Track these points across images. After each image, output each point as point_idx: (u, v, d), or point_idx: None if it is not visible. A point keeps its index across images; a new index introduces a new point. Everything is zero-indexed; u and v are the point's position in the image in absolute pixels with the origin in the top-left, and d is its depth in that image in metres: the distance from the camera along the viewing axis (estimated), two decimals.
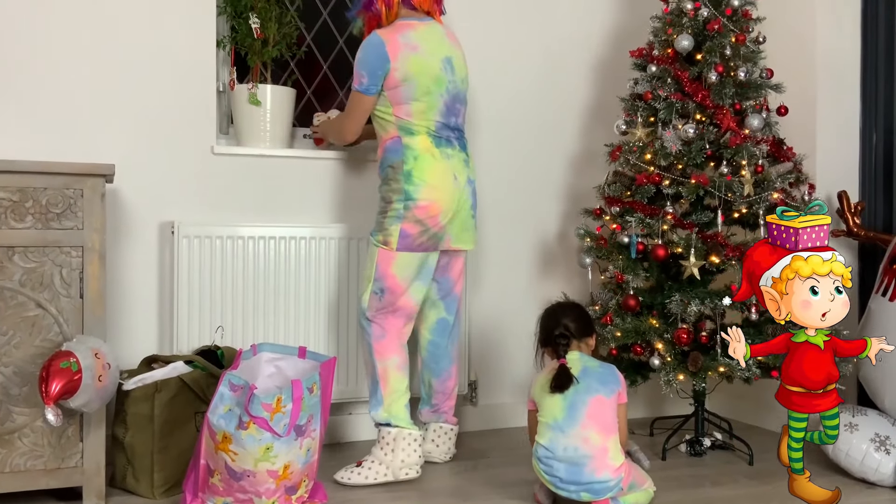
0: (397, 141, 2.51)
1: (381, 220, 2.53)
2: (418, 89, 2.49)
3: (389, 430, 2.53)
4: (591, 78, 3.35)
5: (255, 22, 2.77)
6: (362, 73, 2.49)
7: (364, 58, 2.49)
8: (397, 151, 2.51)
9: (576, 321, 2.33)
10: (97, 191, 2.25)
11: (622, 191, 2.81)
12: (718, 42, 2.72)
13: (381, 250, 2.51)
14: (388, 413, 2.54)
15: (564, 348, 2.27)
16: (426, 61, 2.50)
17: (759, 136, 2.69)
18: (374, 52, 2.47)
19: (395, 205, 2.49)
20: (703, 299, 2.62)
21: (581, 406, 2.19)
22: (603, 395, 2.22)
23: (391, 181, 2.51)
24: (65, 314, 2.21)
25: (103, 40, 2.69)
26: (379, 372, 2.54)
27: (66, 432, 2.21)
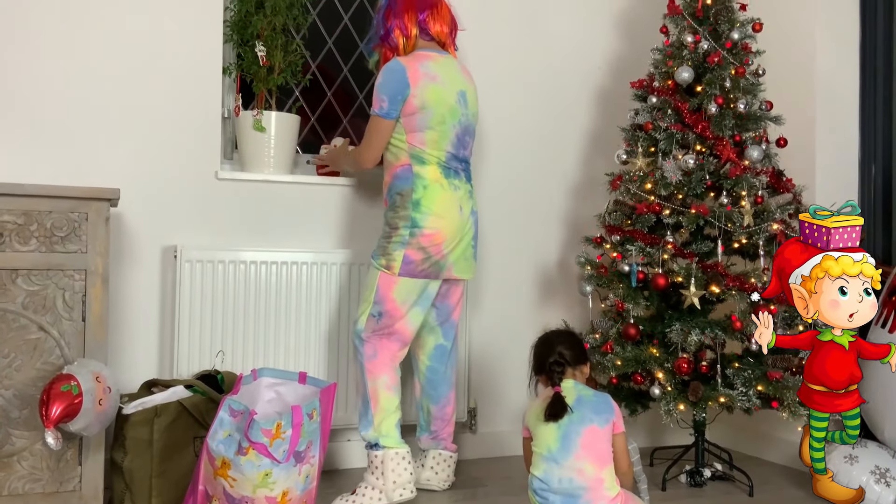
0: (408, 169, 2.53)
1: (384, 245, 2.54)
2: (434, 118, 2.52)
3: (377, 452, 2.53)
4: (592, 108, 3.38)
5: (261, 50, 2.81)
6: (383, 98, 2.51)
7: (385, 82, 2.51)
8: (407, 179, 2.53)
9: (570, 349, 2.32)
10: (102, 214, 2.26)
11: (623, 219, 2.83)
12: (718, 74, 2.75)
13: (383, 274, 2.52)
14: (377, 432, 2.54)
15: (559, 376, 2.26)
16: (444, 91, 2.53)
17: (759, 168, 2.71)
18: (395, 78, 2.50)
19: (401, 231, 2.51)
20: (703, 329, 2.63)
21: (575, 436, 2.17)
22: (597, 424, 2.20)
23: (399, 208, 2.53)
24: (66, 337, 2.22)
25: (110, 65, 2.72)
26: (370, 391, 2.54)
27: (64, 456, 2.21)
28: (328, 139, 3.21)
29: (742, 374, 2.61)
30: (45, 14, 2.64)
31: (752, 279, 2.61)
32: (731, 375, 2.62)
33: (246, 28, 2.84)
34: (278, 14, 2.83)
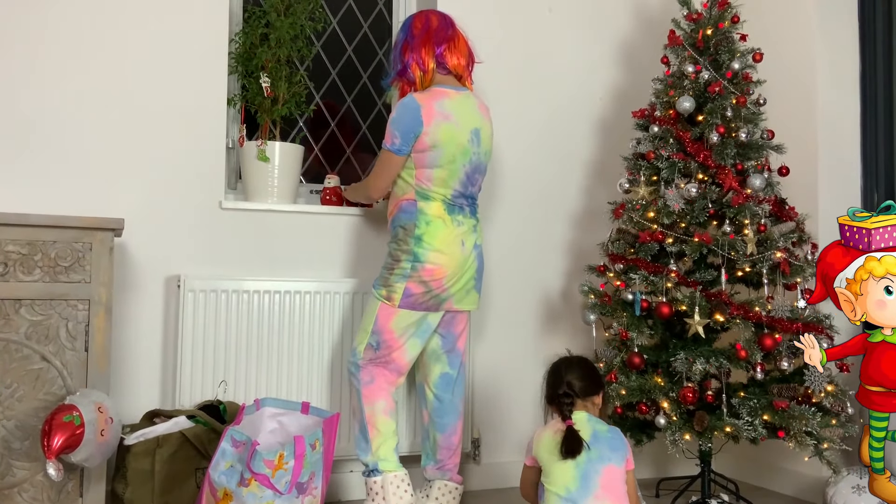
0: (412, 203, 2.55)
1: (386, 276, 2.55)
2: (444, 157, 2.53)
3: (376, 478, 2.51)
4: (594, 137, 3.40)
5: (265, 81, 2.83)
6: (395, 134, 2.52)
7: (399, 119, 2.51)
8: (411, 214, 2.54)
9: (581, 379, 2.26)
10: (106, 244, 2.27)
11: (626, 248, 2.83)
12: (719, 104, 2.77)
13: (383, 304, 2.52)
14: (375, 457, 2.52)
15: (569, 408, 2.22)
16: (456, 131, 2.54)
17: (762, 196, 2.72)
18: (410, 115, 2.50)
19: (403, 264, 2.52)
20: (708, 358, 2.61)
21: (594, 476, 2.11)
22: (614, 463, 2.15)
23: (401, 241, 2.54)
24: (69, 367, 2.21)
25: (115, 95, 2.74)
26: (367, 417, 2.53)
27: (65, 487, 2.19)
28: (332, 169, 3.23)
29: (748, 403, 2.59)
30: (50, 45, 2.67)
31: (756, 307, 2.60)
32: (736, 405, 2.60)
33: (251, 60, 2.87)
34: (283, 46, 2.86)
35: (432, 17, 2.65)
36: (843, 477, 2.56)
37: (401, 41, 2.63)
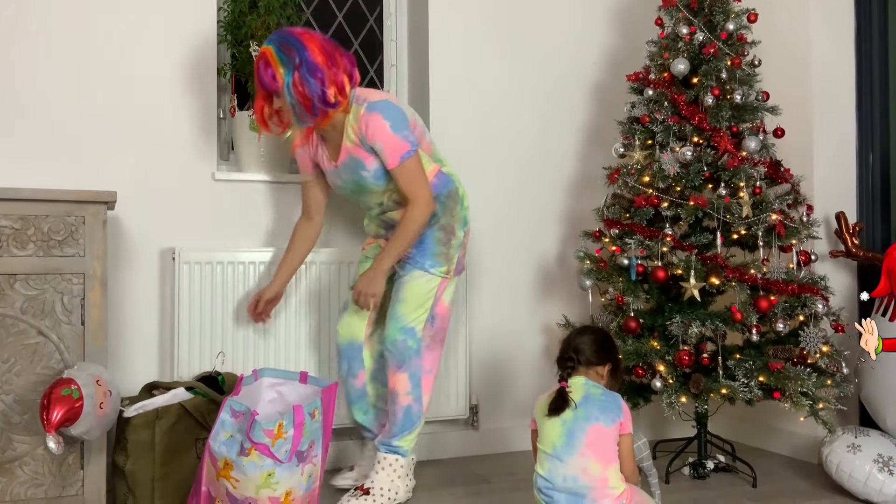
0: (440, 173, 2.53)
1: (444, 251, 2.50)
2: (424, 126, 2.55)
3: (402, 460, 2.52)
4: (588, 102, 3.38)
5: (255, 50, 2.79)
6: (405, 133, 2.39)
7: (396, 119, 2.38)
8: (447, 180, 2.53)
9: (589, 346, 2.29)
10: (99, 218, 2.25)
11: (621, 213, 2.82)
12: (714, 66, 2.75)
13: (443, 280, 2.51)
14: (409, 443, 2.53)
15: (568, 372, 2.26)
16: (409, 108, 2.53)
17: (757, 158, 2.71)
18: (398, 109, 2.41)
19: (458, 232, 2.53)
20: (703, 321, 2.62)
21: (580, 434, 2.16)
22: (602, 423, 2.19)
23: (452, 210, 2.52)
24: (66, 341, 2.21)
25: (104, 68, 2.71)
26: (424, 406, 2.53)
27: (66, 460, 2.20)
28: None
29: (743, 365, 2.60)
30: (41, 20, 2.63)
31: (751, 270, 2.61)
32: (732, 367, 2.62)
33: (240, 28, 2.83)
34: (272, 13, 2.82)
35: (314, 40, 2.36)
36: (839, 436, 2.59)
37: (305, 73, 2.30)
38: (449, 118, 3.14)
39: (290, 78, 2.30)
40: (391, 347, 2.48)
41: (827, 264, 3.02)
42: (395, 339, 2.48)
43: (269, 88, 2.35)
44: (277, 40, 2.34)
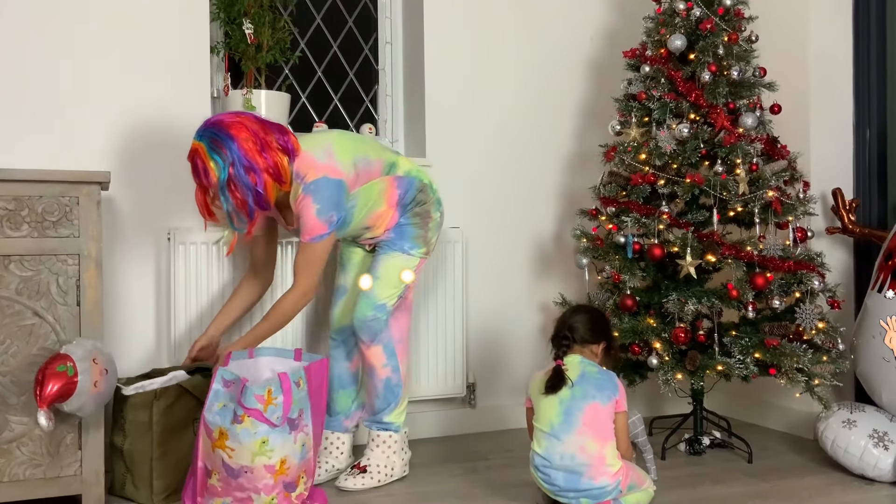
0: (399, 180, 2.49)
1: (422, 234, 2.51)
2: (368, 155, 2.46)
3: (395, 435, 2.53)
4: (584, 79, 3.36)
5: (248, 27, 2.77)
6: (330, 214, 2.32)
7: (324, 201, 2.31)
8: (409, 183, 2.50)
9: (583, 325, 2.31)
10: (93, 198, 2.24)
11: (617, 191, 2.82)
12: (711, 41, 2.73)
13: (422, 260, 2.53)
14: (399, 417, 2.54)
15: (564, 350, 2.27)
16: (343, 141, 2.42)
17: (754, 135, 2.70)
18: (329, 187, 2.32)
19: (434, 214, 2.54)
20: (700, 298, 2.63)
21: (577, 412, 2.17)
22: (599, 401, 2.20)
23: (426, 200, 2.52)
24: (62, 322, 2.21)
25: (97, 47, 2.68)
26: (402, 376, 2.53)
27: (64, 440, 2.21)
28: (319, 116, 3.19)
29: (739, 342, 2.61)
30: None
31: (747, 247, 2.61)
32: (728, 344, 2.63)
33: (233, 5, 2.80)
34: None
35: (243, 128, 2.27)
36: (834, 412, 2.60)
37: (239, 169, 2.23)
38: (444, 96, 3.12)
39: (224, 175, 2.23)
40: (361, 324, 2.47)
41: (823, 241, 3.02)
42: (366, 316, 2.46)
43: (206, 185, 2.29)
44: (208, 137, 2.25)
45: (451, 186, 3.10)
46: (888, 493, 2.43)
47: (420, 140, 3.14)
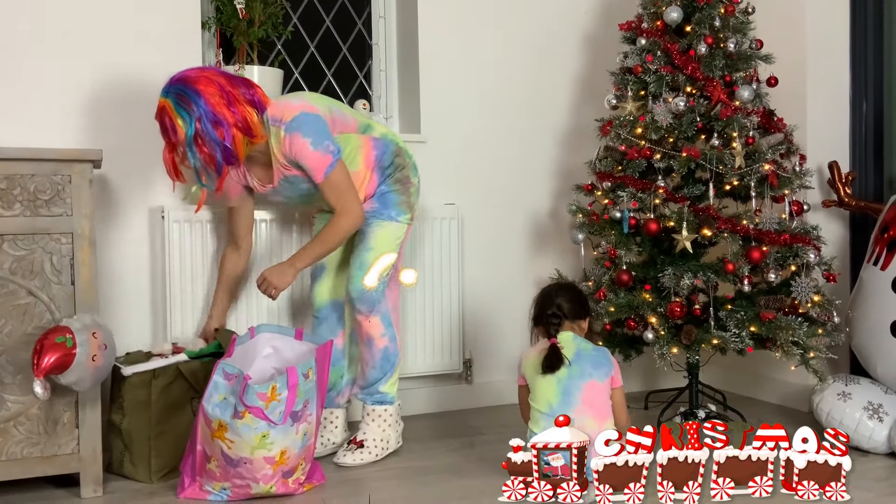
0: (375, 140, 2.49)
1: (405, 200, 2.51)
2: (340, 107, 2.49)
3: (388, 407, 2.54)
4: (579, 52, 3.33)
5: (239, 2, 2.74)
6: (326, 143, 2.32)
7: (315, 134, 2.31)
8: (385, 144, 2.51)
9: (570, 302, 2.32)
10: (85, 176, 2.23)
11: (613, 166, 2.81)
12: (707, 13, 2.70)
13: (408, 227, 2.54)
14: (391, 388, 2.55)
15: (556, 328, 2.27)
16: (311, 93, 2.47)
17: (750, 108, 2.68)
18: (316, 119, 2.33)
19: (413, 179, 2.54)
20: (695, 272, 2.63)
21: (575, 391, 2.17)
22: (596, 379, 2.21)
23: (402, 165, 2.51)
24: (56, 301, 2.20)
25: (88, 24, 2.65)
26: (399, 345, 2.53)
27: (61, 419, 2.21)
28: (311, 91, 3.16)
29: (735, 315, 2.61)
30: None
31: (743, 221, 2.60)
32: (723, 318, 2.63)
33: None
34: None
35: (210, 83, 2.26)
36: (829, 385, 2.62)
37: (206, 124, 2.22)
38: (438, 70, 3.10)
39: (191, 130, 2.21)
40: (358, 295, 2.46)
41: (819, 214, 3.01)
42: (364, 287, 2.46)
43: (174, 142, 2.26)
44: (174, 93, 2.23)
45: (446, 162, 3.08)
46: (882, 465, 2.45)
47: (415, 116, 3.12)
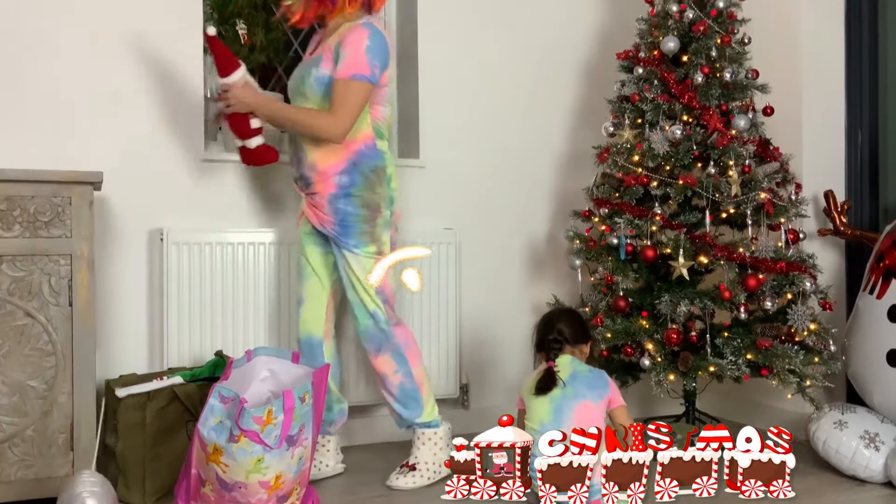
0: (372, 144, 2.43)
1: (369, 230, 2.42)
2: (392, 94, 2.49)
3: (436, 430, 2.53)
4: (578, 80, 3.36)
5: (242, 28, 2.77)
6: (375, 64, 2.32)
7: (376, 47, 2.32)
8: (376, 155, 2.43)
9: (570, 327, 2.34)
10: (85, 198, 2.24)
11: (611, 192, 2.82)
12: (704, 44, 2.74)
13: (377, 260, 2.43)
14: (431, 415, 2.54)
15: (556, 352, 2.28)
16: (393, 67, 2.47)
17: (746, 137, 2.71)
18: (385, 45, 2.37)
19: (384, 211, 2.45)
20: (692, 299, 2.63)
21: (567, 411, 2.19)
22: (590, 400, 2.21)
23: (376, 186, 2.42)
24: (54, 323, 2.20)
25: (90, 47, 2.67)
26: (416, 377, 2.51)
27: (56, 441, 2.20)
28: None
29: (731, 343, 2.62)
30: None
31: (740, 248, 2.62)
32: (720, 345, 2.64)
33: (226, 6, 2.81)
34: None
35: None
36: (826, 413, 2.61)
37: None
38: (436, 95, 3.12)
39: None
40: (364, 335, 2.48)
41: (815, 242, 3.03)
42: (367, 326, 2.47)
43: None
44: None
45: (444, 187, 3.10)
46: (879, 494, 2.44)
47: (413, 141, 3.14)
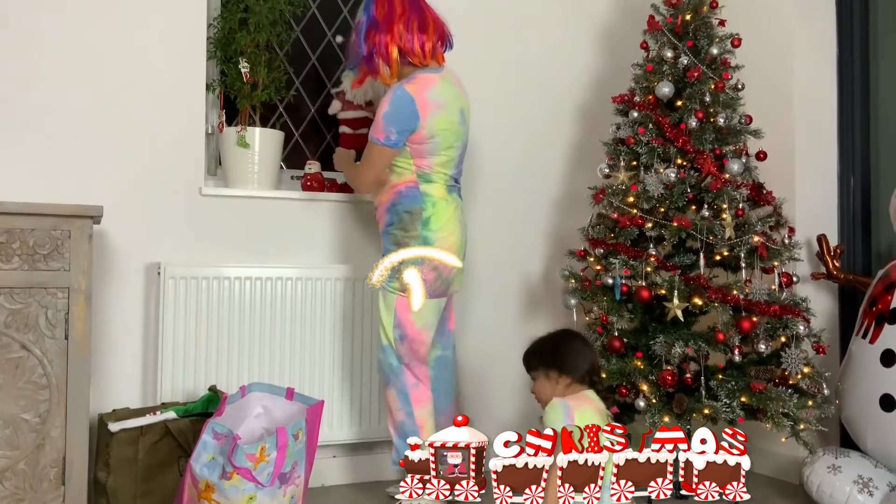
0: (414, 188, 2.54)
1: (396, 267, 2.50)
2: (442, 145, 2.54)
3: None
4: (574, 122, 3.41)
5: (244, 66, 2.81)
6: (391, 129, 2.48)
7: (394, 112, 2.48)
8: (415, 198, 2.54)
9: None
10: (85, 232, 2.25)
11: (606, 233, 2.85)
12: (698, 89, 2.78)
13: (400, 297, 2.52)
14: None
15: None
16: (450, 118, 2.55)
17: (740, 181, 2.74)
18: (406, 109, 2.47)
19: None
20: (687, 341, 2.64)
21: None
22: None
23: (407, 227, 2.53)
24: (49, 356, 2.20)
25: (93, 81, 2.71)
26: (417, 420, 2.54)
27: (47, 476, 2.18)
28: (312, 154, 3.22)
29: (726, 385, 2.62)
30: (28, 31, 2.64)
31: (734, 291, 2.63)
32: (715, 387, 2.64)
33: (229, 44, 2.85)
34: (262, 31, 2.84)
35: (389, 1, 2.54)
36: (819, 457, 2.61)
37: (364, 25, 2.56)
38: None
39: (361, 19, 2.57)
40: (378, 365, 2.61)
41: (808, 286, 3.05)
42: (379, 358, 2.59)
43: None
44: None
45: None
46: None
47: None
